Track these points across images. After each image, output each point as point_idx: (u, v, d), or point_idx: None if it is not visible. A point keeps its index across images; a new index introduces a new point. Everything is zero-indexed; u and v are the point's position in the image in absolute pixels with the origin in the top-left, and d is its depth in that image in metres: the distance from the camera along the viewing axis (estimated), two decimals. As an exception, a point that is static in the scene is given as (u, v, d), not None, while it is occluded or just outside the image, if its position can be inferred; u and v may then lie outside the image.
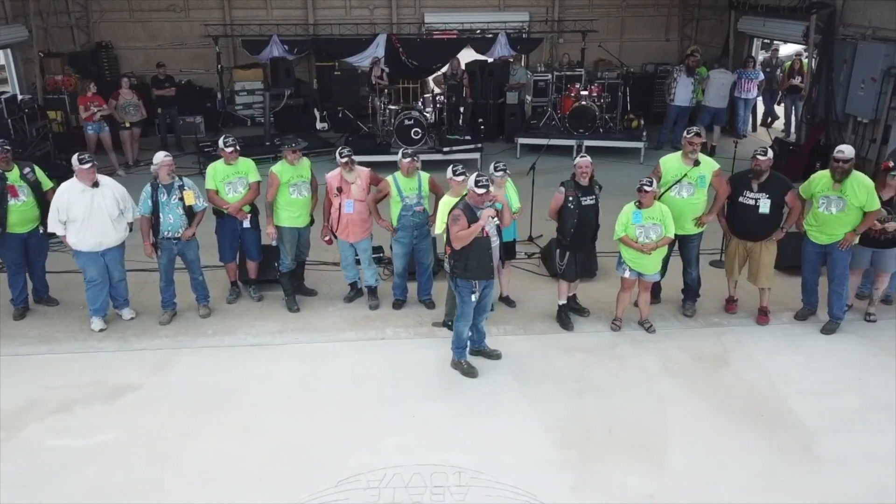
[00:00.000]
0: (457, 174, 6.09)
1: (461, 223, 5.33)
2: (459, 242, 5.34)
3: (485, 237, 5.37)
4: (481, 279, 5.50)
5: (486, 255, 5.43)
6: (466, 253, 5.38)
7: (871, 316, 6.63)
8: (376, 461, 4.77)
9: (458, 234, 5.32)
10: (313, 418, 5.22)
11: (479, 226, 5.32)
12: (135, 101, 11.65)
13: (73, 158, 6.04)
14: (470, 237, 5.32)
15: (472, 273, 5.45)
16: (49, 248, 6.89)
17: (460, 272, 5.48)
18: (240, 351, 6.16)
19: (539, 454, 4.85)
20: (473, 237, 5.32)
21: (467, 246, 5.35)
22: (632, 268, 6.21)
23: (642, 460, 4.80)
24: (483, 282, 5.55)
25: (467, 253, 5.38)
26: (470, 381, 5.67)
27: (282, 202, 6.59)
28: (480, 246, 5.40)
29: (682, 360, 6.00)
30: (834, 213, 6.08)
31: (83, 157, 5.99)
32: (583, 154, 6.31)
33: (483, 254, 5.42)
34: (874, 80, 9.88)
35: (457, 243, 5.36)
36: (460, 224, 5.33)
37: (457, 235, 5.33)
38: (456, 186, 6.09)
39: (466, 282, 5.49)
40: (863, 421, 5.17)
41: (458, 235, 5.32)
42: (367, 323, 6.62)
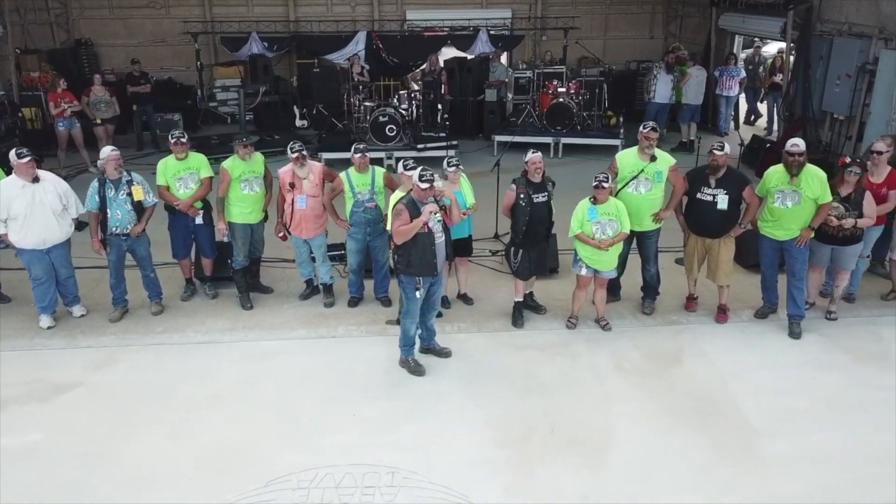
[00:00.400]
0: (408, 168, 5.99)
1: (403, 218, 5.24)
2: (400, 237, 5.26)
3: (427, 233, 5.28)
4: (424, 275, 5.40)
5: (428, 251, 5.34)
6: (409, 248, 5.29)
7: (832, 314, 6.52)
8: (310, 461, 4.67)
9: (398, 229, 5.24)
10: (251, 417, 5.12)
11: (420, 221, 5.23)
12: (107, 97, 11.56)
13: (10, 153, 5.95)
14: (411, 232, 5.23)
15: (415, 269, 5.36)
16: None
17: (403, 268, 5.39)
18: (187, 349, 6.07)
19: (477, 454, 4.75)
20: (415, 232, 5.23)
21: (409, 241, 5.26)
22: (588, 265, 6.11)
23: (581, 461, 4.70)
24: (428, 278, 5.45)
25: (409, 248, 5.29)
26: (416, 380, 5.58)
27: (233, 198, 6.50)
28: (423, 242, 5.31)
29: (635, 358, 5.90)
30: (789, 206, 5.97)
31: (21, 152, 5.89)
32: (534, 150, 6.21)
33: (425, 250, 5.33)
34: (849, 77, 9.78)
35: (398, 238, 5.28)
36: (402, 219, 5.24)
37: (397, 230, 5.24)
38: (408, 182, 6.00)
39: (410, 278, 5.40)
40: (810, 421, 5.06)
41: (398, 230, 5.24)
42: (320, 321, 6.52)
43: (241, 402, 5.32)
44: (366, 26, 14.95)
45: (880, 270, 7.25)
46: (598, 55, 15.63)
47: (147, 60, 14.85)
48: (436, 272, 5.47)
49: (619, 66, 15.32)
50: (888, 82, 8.93)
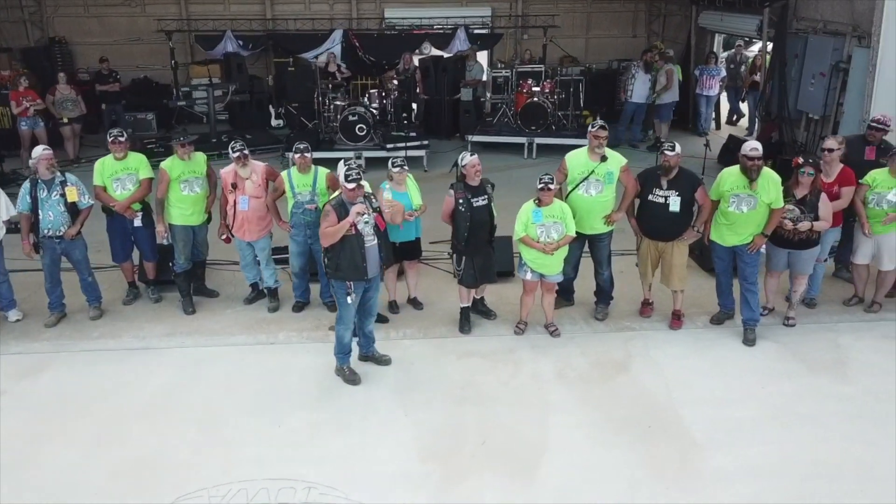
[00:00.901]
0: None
1: (330, 219, 5.05)
2: (327, 240, 5.06)
3: (356, 235, 5.08)
4: (353, 280, 5.20)
5: (357, 254, 5.13)
6: (337, 252, 5.10)
7: (790, 320, 6.31)
8: (226, 474, 4.48)
9: (324, 231, 5.05)
10: (173, 428, 4.93)
11: (347, 223, 5.03)
12: (73, 95, 11.39)
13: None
14: (338, 235, 5.03)
15: (343, 273, 5.16)
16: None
17: (332, 272, 5.20)
18: (120, 355, 5.88)
19: (400, 468, 4.56)
20: (343, 235, 5.04)
21: (337, 244, 5.06)
22: (533, 269, 5.91)
23: (508, 474, 4.50)
24: (360, 283, 5.26)
25: (337, 252, 5.10)
26: (349, 389, 5.38)
27: (173, 199, 6.32)
28: (351, 245, 5.10)
29: (581, 366, 5.70)
30: (745, 211, 5.76)
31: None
32: (472, 152, 6.00)
33: (354, 253, 5.12)
34: (823, 76, 9.57)
35: (324, 241, 5.09)
36: (329, 220, 5.05)
37: (323, 232, 5.05)
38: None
39: (341, 282, 5.20)
40: (753, 432, 4.86)
41: (324, 232, 5.05)
42: (262, 326, 6.33)
43: (167, 411, 5.13)
44: (344, 25, 14.76)
45: (844, 274, 7.05)
46: (581, 54, 15.47)
47: (123, 59, 14.72)
48: (366, 276, 5.26)
49: (601, 65, 15.11)
50: (861, 81, 8.71)
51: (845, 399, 5.22)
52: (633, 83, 12.17)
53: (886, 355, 5.77)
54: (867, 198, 6.16)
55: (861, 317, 6.45)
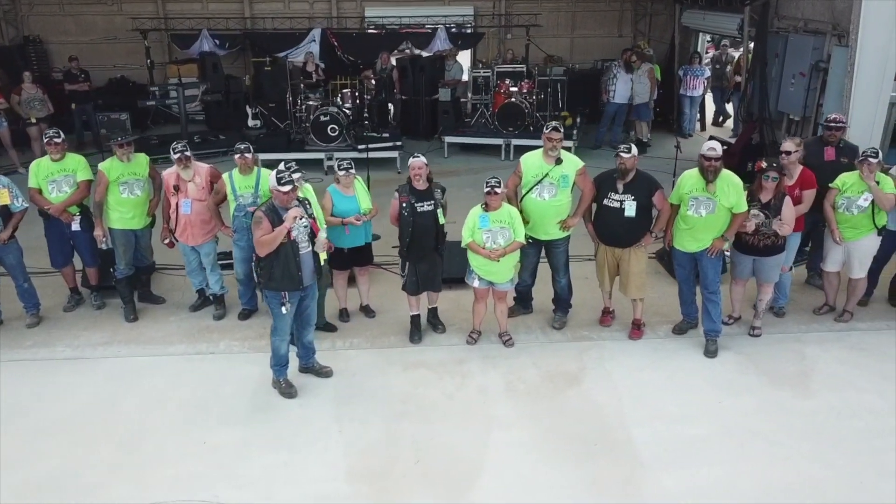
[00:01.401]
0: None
1: (264, 227, 4.76)
2: (263, 248, 4.79)
3: (290, 242, 4.82)
4: (288, 289, 4.93)
5: (291, 262, 4.86)
6: (270, 260, 4.83)
7: (756, 330, 6.04)
8: (139, 495, 4.23)
9: (260, 240, 4.77)
10: (91, 445, 4.67)
11: (284, 228, 4.77)
12: (40, 95, 11.13)
13: None
14: (274, 243, 4.77)
15: (277, 283, 4.89)
16: None
17: (265, 281, 4.92)
18: (51, 366, 5.62)
19: (326, 488, 4.29)
20: (278, 243, 4.78)
21: (271, 253, 4.79)
22: (481, 276, 5.65)
23: (441, 495, 4.23)
24: (297, 293, 4.99)
25: (271, 260, 4.83)
26: (284, 403, 5.12)
27: (112, 202, 6.06)
28: (285, 253, 4.83)
29: (531, 378, 5.43)
30: (703, 215, 5.49)
31: None
32: (416, 154, 5.72)
33: (288, 261, 4.85)
34: (803, 76, 9.30)
35: (260, 250, 4.80)
36: (263, 228, 4.76)
37: (259, 241, 4.77)
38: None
39: (274, 292, 4.93)
40: (704, 451, 4.58)
41: (260, 241, 4.77)
42: (204, 335, 6.07)
43: (87, 427, 4.86)
44: (324, 24, 14.52)
45: (816, 282, 6.78)
46: (566, 54, 15.22)
47: (99, 59, 14.52)
48: (301, 286, 5.00)
49: (586, 64, 14.85)
50: (840, 81, 8.43)
51: (805, 415, 4.94)
52: (615, 83, 11.91)
53: (852, 367, 5.50)
54: (836, 202, 5.90)
55: (830, 326, 6.18)
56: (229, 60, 14.64)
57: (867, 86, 7.95)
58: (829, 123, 6.26)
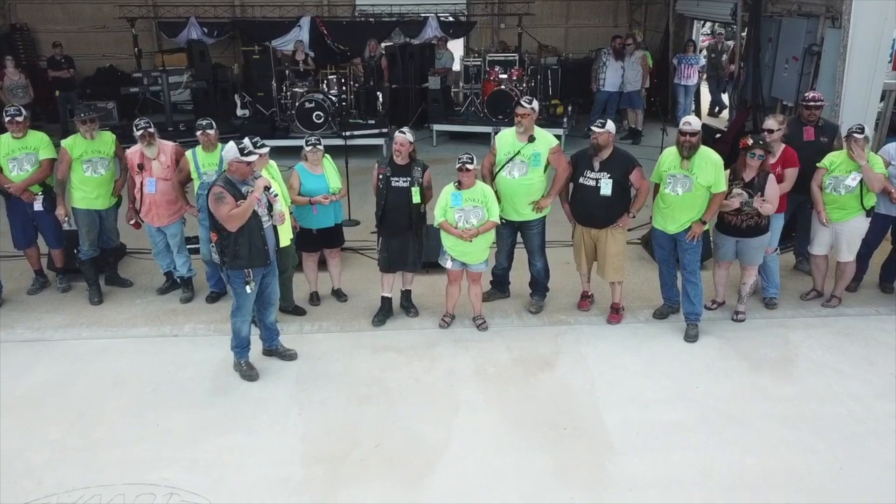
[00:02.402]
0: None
1: (229, 201, 4.56)
2: (235, 222, 4.56)
3: (253, 216, 4.63)
4: (255, 266, 4.75)
5: (257, 236, 4.69)
6: (234, 238, 4.62)
7: (739, 315, 5.84)
8: (85, 478, 4.04)
9: (231, 214, 4.53)
10: (39, 426, 4.49)
11: (255, 198, 4.59)
12: (22, 82, 11.01)
13: None
14: (245, 215, 4.57)
15: (244, 261, 4.70)
16: None
17: (230, 260, 4.72)
18: (7, 347, 5.44)
19: (279, 473, 4.10)
20: (249, 215, 4.59)
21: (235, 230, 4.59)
22: (454, 257, 5.45)
23: (397, 482, 4.04)
24: (259, 269, 4.81)
25: (235, 238, 4.62)
26: (245, 385, 4.93)
27: (75, 181, 5.89)
28: (250, 228, 4.65)
29: (503, 362, 5.24)
30: (680, 193, 5.29)
31: None
32: (402, 130, 5.55)
33: (254, 236, 4.68)
34: (796, 60, 9.08)
35: (233, 224, 4.56)
36: (228, 202, 4.56)
37: (230, 216, 4.53)
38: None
39: (237, 271, 4.74)
40: (678, 436, 4.38)
41: (231, 215, 4.53)
42: (169, 317, 5.89)
43: (39, 408, 4.69)
44: (314, 12, 14.33)
45: (805, 267, 6.57)
46: (560, 44, 15.00)
47: (87, 48, 14.37)
48: (268, 260, 4.83)
49: (579, 54, 14.63)
50: (833, 64, 8.20)
51: (785, 400, 4.74)
52: (605, 71, 11.70)
53: (837, 353, 5.30)
54: (824, 182, 5.69)
55: (817, 312, 5.97)
56: (219, 49, 14.46)
57: (860, 69, 7.71)
58: (807, 102, 6.06)
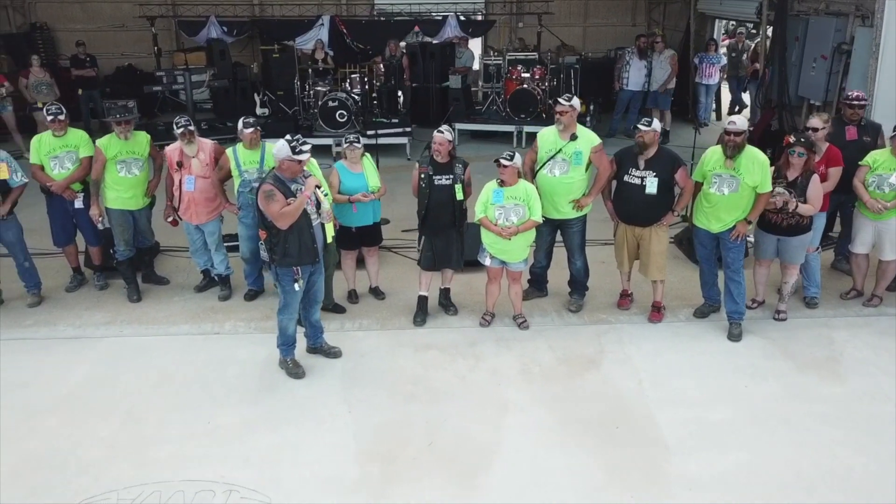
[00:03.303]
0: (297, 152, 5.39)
1: (279, 199, 4.55)
2: (286, 221, 4.55)
3: (303, 214, 4.61)
4: (304, 264, 4.74)
5: (306, 234, 4.68)
6: (285, 236, 4.61)
7: (781, 314, 5.81)
8: (141, 475, 4.04)
9: (283, 212, 4.52)
10: (90, 423, 4.50)
11: (305, 198, 4.58)
12: (47, 79, 11.01)
13: None
14: (296, 213, 4.56)
15: (293, 258, 4.69)
16: None
17: (280, 258, 4.70)
18: (51, 344, 5.46)
19: (335, 470, 4.10)
20: (299, 213, 4.58)
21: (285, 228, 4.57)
22: (493, 255, 5.44)
23: (453, 479, 4.03)
24: (307, 267, 4.80)
25: (286, 235, 4.61)
26: (291, 383, 4.93)
27: (109, 181, 5.87)
28: (300, 226, 4.63)
29: (547, 361, 5.22)
30: (726, 193, 5.27)
31: None
32: (440, 129, 5.52)
33: (304, 234, 4.66)
34: (825, 59, 9.04)
35: (284, 222, 4.55)
36: (279, 200, 4.54)
37: (281, 214, 4.51)
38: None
39: (286, 269, 4.73)
40: (729, 437, 4.36)
41: (281, 214, 4.52)
42: (209, 315, 5.89)
43: (86, 405, 4.69)
44: (332, 11, 14.33)
45: (844, 266, 6.54)
46: (578, 43, 14.97)
47: (106, 47, 14.37)
48: (317, 258, 4.82)
49: (599, 54, 14.60)
50: (864, 63, 8.17)
51: (834, 400, 4.71)
52: (628, 70, 11.67)
53: (883, 353, 5.26)
54: (867, 180, 5.66)
55: (859, 311, 5.94)
56: (237, 48, 14.47)
57: (893, 66, 7.70)
58: (850, 101, 6.02)
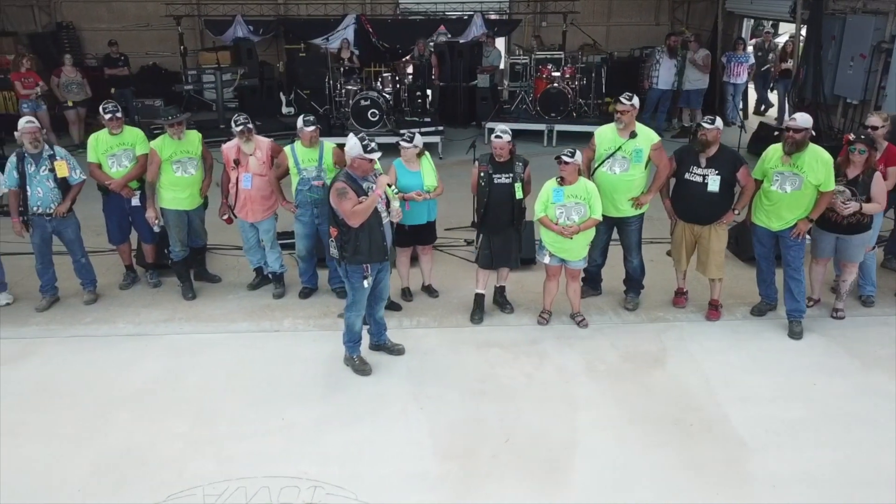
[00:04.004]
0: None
1: (351, 197, 4.54)
2: (359, 218, 4.55)
3: (373, 212, 4.62)
4: (374, 262, 4.74)
5: (377, 232, 4.68)
6: (356, 233, 4.61)
7: (839, 312, 5.80)
8: (222, 471, 4.04)
9: (355, 210, 4.52)
10: (163, 419, 4.50)
11: (377, 196, 4.59)
12: (78, 79, 11.06)
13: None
14: (368, 211, 4.56)
15: (364, 256, 4.68)
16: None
17: (350, 255, 4.69)
18: (113, 341, 5.47)
19: (415, 466, 4.10)
20: (371, 212, 4.58)
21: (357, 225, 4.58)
22: (553, 253, 5.44)
23: (535, 477, 4.03)
24: (376, 265, 4.81)
25: (357, 233, 4.61)
26: (358, 380, 4.93)
27: (165, 181, 5.86)
28: (371, 223, 4.63)
29: (611, 359, 5.22)
30: (788, 191, 5.26)
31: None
32: (497, 134, 5.43)
33: (374, 232, 4.66)
34: (863, 58, 9.03)
35: (356, 220, 4.55)
36: (351, 198, 4.54)
37: (354, 211, 4.52)
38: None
39: (356, 266, 4.73)
40: (807, 435, 4.35)
41: (355, 211, 4.52)
42: (266, 313, 5.90)
43: (158, 401, 4.70)
44: (356, 10, 14.34)
45: (893, 265, 6.53)
46: (601, 42, 14.94)
47: (131, 46, 14.35)
48: (387, 256, 4.82)
49: (622, 53, 14.59)
50: (906, 61, 8.18)
51: (905, 398, 4.71)
52: (658, 69, 11.68)
53: (949, 351, 5.25)
54: (924, 180, 5.65)
55: (917, 310, 5.93)
56: (262, 47, 14.47)
57: (937, 65, 7.70)
58: None
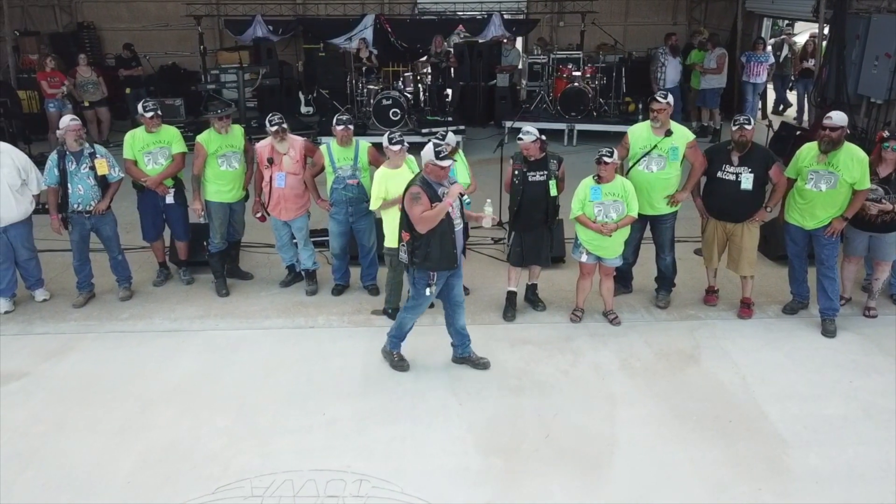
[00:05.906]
0: (393, 143, 5.41)
1: (423, 202, 4.46)
2: (426, 225, 4.48)
3: (446, 219, 4.55)
4: (444, 269, 4.67)
5: (448, 240, 4.60)
6: (427, 239, 4.54)
7: (871, 311, 5.80)
8: (268, 465, 4.10)
9: (423, 216, 4.45)
10: (205, 414, 4.56)
11: (448, 204, 4.50)
12: (93, 78, 11.13)
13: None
14: (437, 219, 4.48)
15: (433, 263, 4.60)
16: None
17: (420, 262, 4.62)
18: (150, 337, 5.53)
19: (458, 462, 4.14)
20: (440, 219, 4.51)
21: (428, 231, 4.53)
22: (589, 251, 5.47)
23: (578, 472, 4.06)
24: (444, 273, 4.73)
25: (428, 239, 4.54)
26: (396, 376, 4.97)
27: (210, 175, 5.95)
28: (443, 230, 4.55)
29: (646, 356, 5.24)
30: (823, 190, 5.27)
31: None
32: (520, 136, 5.41)
33: (445, 239, 4.58)
34: (889, 57, 8.98)
35: (423, 227, 4.49)
36: (423, 203, 4.47)
37: (422, 217, 4.46)
38: (394, 157, 5.43)
39: (423, 272, 4.66)
40: (846, 431, 4.37)
41: (423, 217, 4.46)
42: (299, 309, 5.95)
43: (198, 396, 4.76)
44: (374, 10, 14.40)
45: (921, 264, 6.51)
46: (619, 42, 14.95)
47: (151, 45, 14.50)
48: (456, 263, 4.73)
49: (640, 52, 14.58)
50: (933, 61, 8.15)
51: (942, 396, 4.71)
52: (664, 70, 11.68)
53: (984, 349, 5.25)
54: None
55: (948, 309, 5.93)
56: (280, 47, 14.55)
57: (965, 64, 7.67)
58: None
